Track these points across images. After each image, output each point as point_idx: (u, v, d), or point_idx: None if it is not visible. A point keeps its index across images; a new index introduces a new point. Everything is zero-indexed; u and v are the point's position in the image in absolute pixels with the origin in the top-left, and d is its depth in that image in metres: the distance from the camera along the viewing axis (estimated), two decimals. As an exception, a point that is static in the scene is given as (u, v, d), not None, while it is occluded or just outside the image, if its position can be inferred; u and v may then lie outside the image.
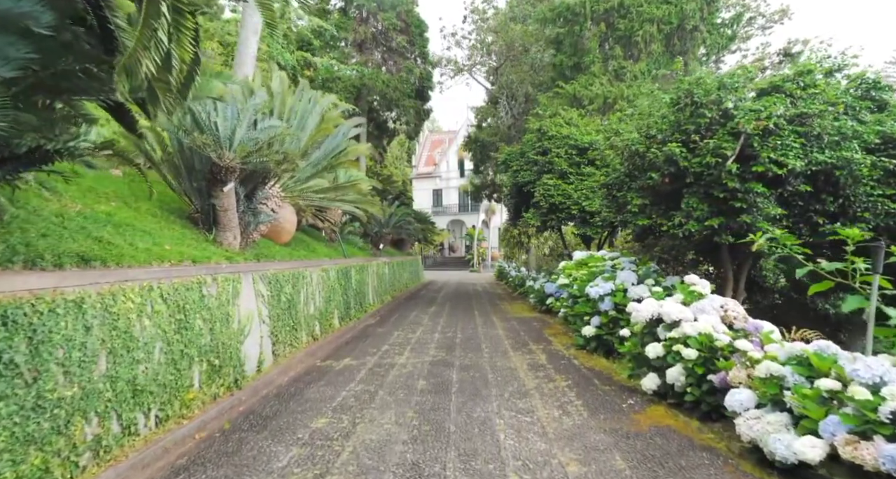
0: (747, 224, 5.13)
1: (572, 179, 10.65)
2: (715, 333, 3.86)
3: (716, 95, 5.35)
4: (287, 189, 6.63)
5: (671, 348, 4.06)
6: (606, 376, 5.23)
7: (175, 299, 3.77)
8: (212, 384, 4.24)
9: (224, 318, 4.56)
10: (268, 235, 7.64)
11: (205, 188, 5.75)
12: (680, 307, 4.25)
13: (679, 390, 4.00)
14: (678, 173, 5.49)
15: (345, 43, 20.20)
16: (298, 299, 6.69)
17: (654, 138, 5.62)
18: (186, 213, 6.17)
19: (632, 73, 12.78)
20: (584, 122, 11.77)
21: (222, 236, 5.82)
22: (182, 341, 3.81)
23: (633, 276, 6.32)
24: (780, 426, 2.75)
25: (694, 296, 4.44)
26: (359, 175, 9.92)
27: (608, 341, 6.16)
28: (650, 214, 5.88)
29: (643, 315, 4.47)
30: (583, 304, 6.85)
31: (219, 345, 4.41)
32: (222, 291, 4.59)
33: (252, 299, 5.34)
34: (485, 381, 5.04)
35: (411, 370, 5.54)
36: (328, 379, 5.24)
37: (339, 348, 7.01)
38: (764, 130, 4.83)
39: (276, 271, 6.06)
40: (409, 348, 6.91)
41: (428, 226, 23.56)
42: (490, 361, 6.02)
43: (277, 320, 5.89)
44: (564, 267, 8.50)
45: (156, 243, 4.41)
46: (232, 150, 5.28)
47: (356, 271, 10.27)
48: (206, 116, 5.05)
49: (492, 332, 8.28)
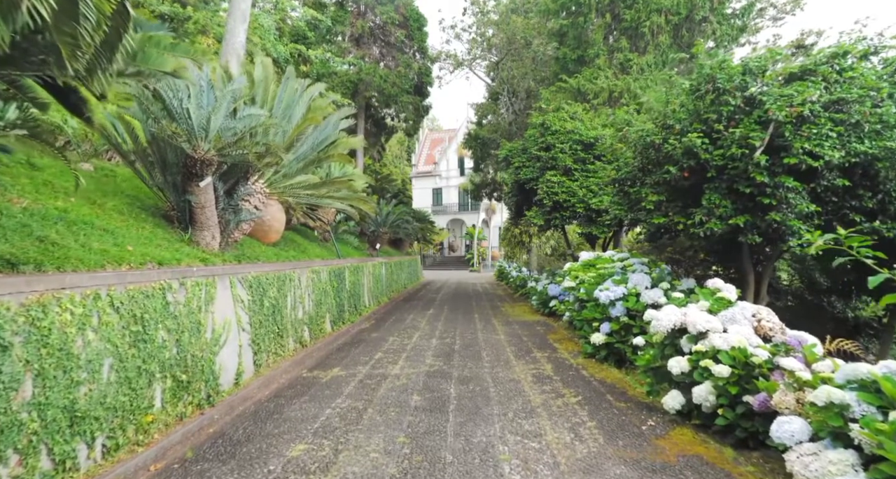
0: (776, 222, 4.64)
1: (577, 175, 10.14)
2: (750, 347, 3.37)
3: (740, 80, 4.86)
4: (272, 185, 6.13)
5: (698, 363, 3.57)
6: (620, 390, 4.74)
7: (130, 308, 3.28)
8: (178, 403, 3.75)
9: (194, 327, 4.07)
10: (253, 235, 7.15)
11: (180, 183, 5.25)
12: (707, 316, 3.76)
13: (707, 411, 3.51)
14: (698, 167, 5.00)
15: (341, 37, 19.68)
16: (285, 304, 6.21)
17: (671, 129, 5.12)
18: (163, 210, 5.68)
19: (638, 65, 12.26)
20: (588, 116, 11.27)
21: (199, 236, 5.33)
22: (139, 355, 3.32)
23: (647, 279, 5.83)
24: (845, 468, 2.26)
25: (722, 303, 3.95)
26: (353, 171, 9.43)
27: (620, 350, 5.68)
28: (666, 211, 5.39)
29: (664, 325, 3.97)
30: (591, 309, 6.36)
31: (187, 358, 3.92)
32: (192, 296, 4.10)
33: (230, 304, 4.85)
34: (486, 396, 4.55)
35: (405, 383, 5.06)
36: (313, 393, 4.75)
37: (329, 356, 6.53)
38: (797, 117, 4.34)
39: (258, 273, 5.57)
40: (403, 356, 6.42)
41: (427, 225, 23.07)
42: (491, 371, 5.53)
43: (260, 328, 5.40)
44: (570, 269, 8.00)
45: (116, 244, 3.92)
46: (208, 140, 4.79)
47: (350, 271, 9.78)
48: (179, 102, 4.55)
49: (493, 337, 7.80)
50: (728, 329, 3.71)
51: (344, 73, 18.33)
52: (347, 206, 7.61)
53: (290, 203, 7.74)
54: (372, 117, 22.63)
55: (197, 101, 4.74)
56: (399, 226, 16.34)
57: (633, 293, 5.75)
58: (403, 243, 19.74)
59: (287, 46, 12.89)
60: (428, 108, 22.23)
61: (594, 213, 9.78)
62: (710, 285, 4.43)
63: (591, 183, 9.81)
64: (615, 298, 5.78)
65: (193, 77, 4.87)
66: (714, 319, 3.75)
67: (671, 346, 4.04)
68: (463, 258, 38.21)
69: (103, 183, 5.61)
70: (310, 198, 6.63)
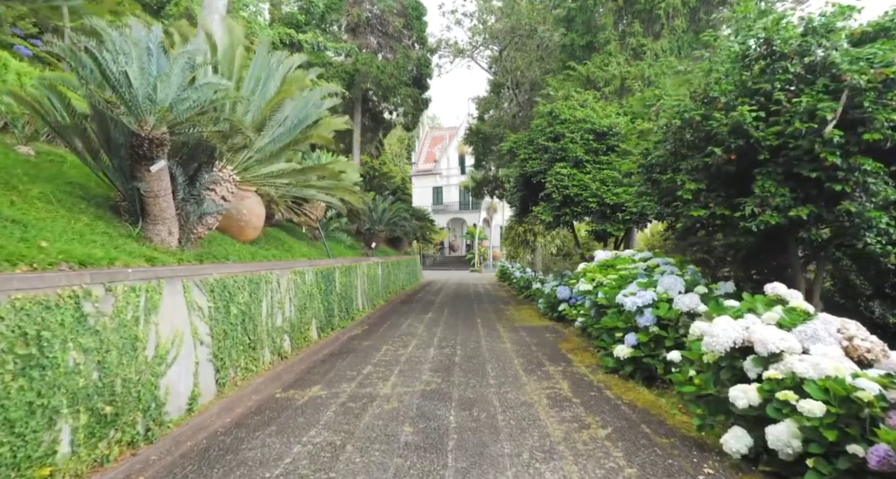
0: (849, 214, 3.79)
1: (589, 167, 9.29)
2: (849, 376, 2.52)
3: (800, 43, 4.01)
4: (244, 172, 5.28)
5: (773, 394, 2.72)
6: (657, 418, 3.89)
7: (17, 325, 2.44)
8: (97, 444, 2.91)
9: (127, 343, 3.23)
10: (227, 231, 6.31)
11: (127, 168, 4.41)
12: (780, 333, 2.92)
13: (788, 458, 2.66)
14: (747, 148, 4.15)
15: (337, 27, 18.83)
16: (259, 310, 5.37)
17: (714, 102, 4.27)
18: (113, 201, 4.84)
19: (652, 51, 11.40)
20: (600, 105, 10.41)
21: (153, 231, 4.49)
22: (31, 387, 2.48)
23: (680, 282, 4.99)
24: None
25: (796, 315, 3.11)
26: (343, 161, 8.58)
27: (649, 366, 4.83)
28: (706, 202, 4.54)
29: (721, 342, 3.12)
30: (612, 316, 5.52)
31: (115, 383, 3.08)
32: (125, 305, 3.25)
33: (182, 313, 4.01)
34: (493, 427, 3.71)
35: (396, 407, 4.21)
36: (283, 422, 3.91)
37: (311, 370, 5.69)
38: (882, 82, 3.49)
39: (225, 275, 4.73)
40: (396, 370, 5.58)
41: (426, 224, 22.24)
42: (499, 391, 4.69)
43: (224, 339, 4.56)
44: (584, 270, 7.15)
45: (24, 239, 3.09)
46: (156, 115, 3.95)
47: (342, 272, 8.94)
48: (115, 64, 3.71)
49: (498, 346, 6.95)
50: (810, 350, 2.87)
51: (339, 64, 17.48)
52: (332, 197, 6.75)
53: (272, 196, 6.90)
54: (369, 111, 21.78)
55: (141, 64, 3.89)
56: (396, 224, 15.49)
57: (664, 299, 4.91)
58: (402, 242, 18.90)
59: (276, 29, 12.02)
60: (427, 101, 21.37)
61: (608, 208, 8.92)
62: (770, 290, 3.59)
63: (604, 175, 8.95)
64: (643, 304, 4.94)
65: (140, 38, 4.04)
66: (789, 336, 2.91)
67: (729, 369, 3.19)
68: (463, 258, 37.38)
69: (42, 169, 4.77)
70: (288, 188, 5.78)
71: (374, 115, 22.15)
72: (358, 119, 20.07)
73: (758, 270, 6.59)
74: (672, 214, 5.03)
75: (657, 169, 5.09)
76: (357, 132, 19.92)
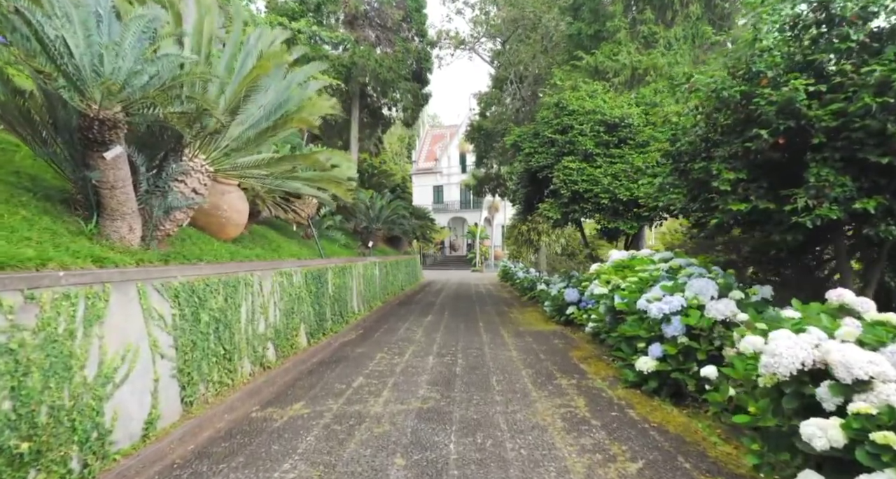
0: (925, 207, 3.19)
1: (599, 161, 8.68)
2: (974, 414, 1.92)
3: (862, 6, 3.41)
4: (218, 162, 4.69)
5: (865, 434, 2.13)
6: (694, 447, 3.30)
7: None
8: (8, 492, 2.32)
9: (57, 362, 2.65)
10: (206, 229, 5.73)
11: (78, 154, 3.82)
12: (869, 354, 2.31)
13: (885, 517, 2.06)
14: (798, 130, 3.55)
15: (334, 20, 18.22)
16: (237, 316, 4.78)
17: (761, 77, 3.66)
18: (68, 193, 4.26)
19: (665, 39, 10.80)
20: (610, 95, 9.80)
21: (110, 227, 3.91)
22: None
23: (712, 286, 4.38)
24: None
25: (884, 331, 2.50)
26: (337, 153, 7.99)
27: (678, 381, 4.24)
28: (745, 194, 3.93)
29: (786, 363, 2.52)
30: (633, 324, 4.92)
31: (37, 413, 2.50)
32: (53, 316, 2.67)
33: (138, 322, 3.42)
34: (501, 459, 3.12)
35: (387, 431, 3.62)
36: (254, 450, 3.32)
37: (295, 382, 5.10)
38: (975, 45, 2.89)
39: (194, 277, 4.15)
40: (391, 382, 4.99)
41: (427, 222, 21.63)
42: (506, 410, 4.10)
43: (192, 351, 3.98)
44: (598, 271, 6.55)
45: (-75, 235, 2.50)
46: (102, 90, 3.36)
47: (335, 273, 8.35)
48: (52, 29, 3.11)
49: (502, 354, 6.36)
50: (906, 376, 2.27)
51: (336, 57, 16.87)
52: (319, 191, 6.15)
53: (257, 190, 6.31)
54: (367, 107, 21.17)
55: (87, 31, 3.30)
56: (395, 222, 14.90)
57: (695, 306, 4.31)
58: (402, 241, 18.32)
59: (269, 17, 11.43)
60: (427, 96, 20.75)
61: (621, 204, 8.31)
62: (835, 297, 2.98)
63: (616, 169, 8.34)
64: (671, 311, 4.33)
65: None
66: (880, 358, 2.31)
67: (795, 396, 2.59)
68: (464, 258, 36.79)
69: (-13, 157, 4.20)
70: (269, 180, 5.18)
71: (372, 111, 21.55)
72: (355, 115, 19.47)
73: (780, 272, 5.99)
74: (704, 210, 4.43)
75: (686, 157, 4.49)
76: (355, 128, 19.32)
